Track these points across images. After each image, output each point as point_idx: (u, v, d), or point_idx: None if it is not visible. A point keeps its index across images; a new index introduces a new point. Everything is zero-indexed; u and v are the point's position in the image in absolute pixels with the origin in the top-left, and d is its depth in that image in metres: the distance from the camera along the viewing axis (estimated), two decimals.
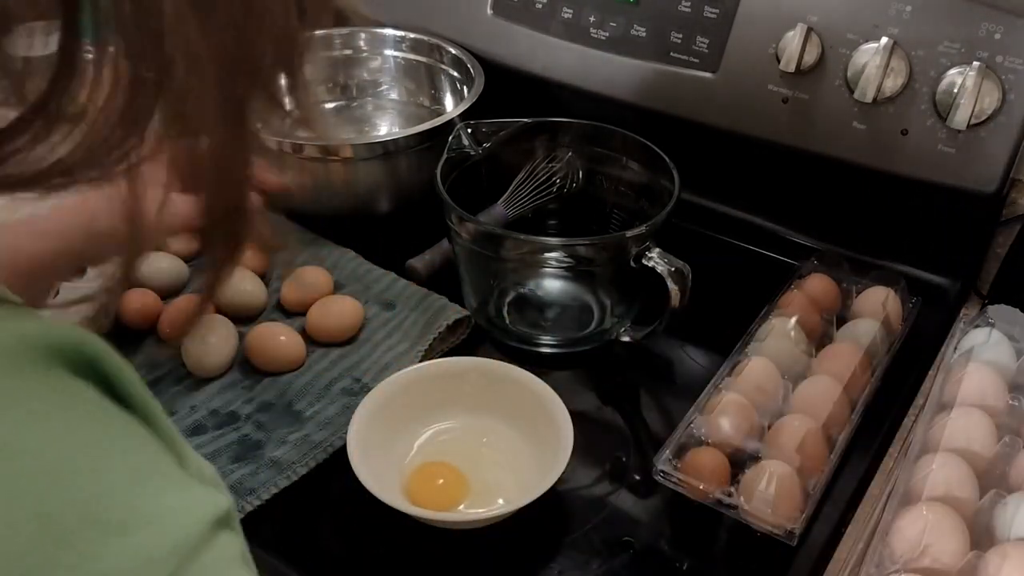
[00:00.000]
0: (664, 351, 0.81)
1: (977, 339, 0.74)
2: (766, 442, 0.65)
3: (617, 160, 0.84)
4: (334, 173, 0.87)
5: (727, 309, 0.80)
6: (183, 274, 0.84)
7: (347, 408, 0.69)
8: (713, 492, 0.63)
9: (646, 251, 0.72)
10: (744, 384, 0.69)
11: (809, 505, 0.62)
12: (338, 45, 1.04)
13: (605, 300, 0.82)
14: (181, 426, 0.69)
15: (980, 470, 0.63)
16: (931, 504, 0.60)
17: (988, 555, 0.57)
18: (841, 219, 0.90)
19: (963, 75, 0.74)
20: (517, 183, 0.86)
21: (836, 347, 0.74)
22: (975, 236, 0.84)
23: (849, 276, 0.82)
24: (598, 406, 0.76)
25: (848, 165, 0.82)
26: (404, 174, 0.88)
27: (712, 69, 0.85)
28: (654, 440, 0.71)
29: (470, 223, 0.75)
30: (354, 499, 0.61)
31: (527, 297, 0.83)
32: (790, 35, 0.80)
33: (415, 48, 1.02)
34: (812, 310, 0.77)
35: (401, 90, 1.06)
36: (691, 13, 0.85)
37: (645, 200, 0.81)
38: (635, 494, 0.68)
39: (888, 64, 0.76)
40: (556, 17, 0.92)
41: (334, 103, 1.06)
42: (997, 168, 0.76)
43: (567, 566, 0.62)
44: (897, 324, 0.78)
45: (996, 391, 0.69)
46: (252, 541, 0.65)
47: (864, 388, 0.72)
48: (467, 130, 0.82)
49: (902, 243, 0.87)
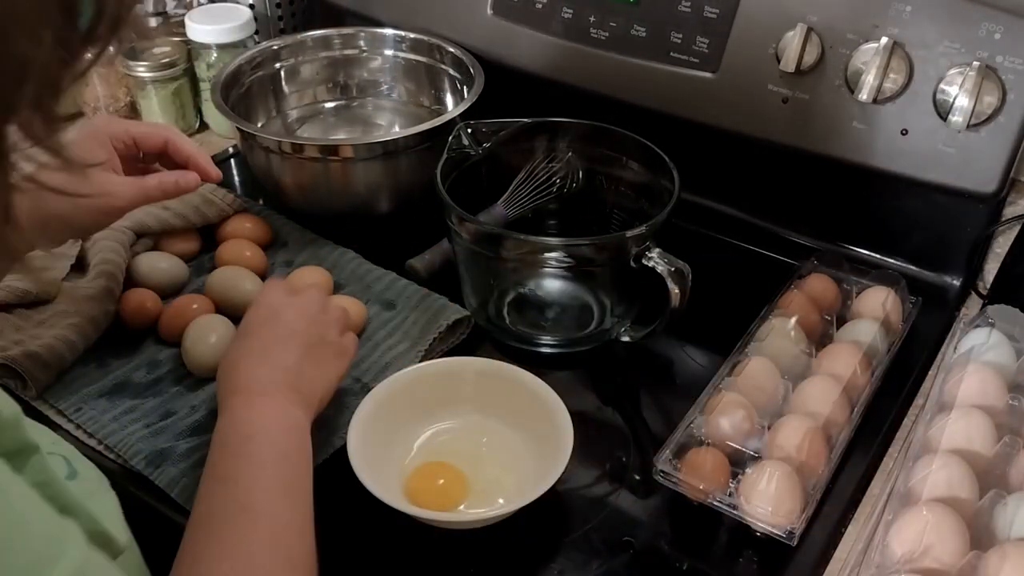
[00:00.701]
0: (664, 351, 0.81)
1: (977, 339, 0.74)
2: (766, 442, 0.65)
3: (617, 160, 0.84)
4: (334, 173, 0.87)
5: (727, 309, 0.80)
6: (183, 274, 0.84)
7: (347, 408, 0.69)
8: (713, 492, 0.63)
9: (646, 251, 0.72)
10: (744, 384, 0.69)
11: (809, 505, 0.62)
12: (338, 45, 1.03)
13: (605, 300, 0.82)
14: (181, 426, 0.70)
15: (980, 470, 0.63)
16: (931, 504, 0.60)
17: (988, 555, 0.57)
18: (841, 219, 0.90)
19: (963, 75, 0.74)
20: (517, 183, 0.86)
21: (836, 347, 0.74)
22: (975, 236, 0.84)
23: (849, 276, 0.82)
24: (598, 406, 0.76)
25: (848, 165, 0.82)
26: (404, 174, 0.88)
27: (712, 69, 0.85)
28: (654, 440, 0.71)
29: (470, 223, 0.75)
30: (354, 499, 0.61)
31: (527, 297, 0.83)
32: (790, 35, 0.80)
33: (415, 48, 1.02)
34: (812, 310, 0.77)
35: (401, 90, 1.06)
36: (691, 13, 0.85)
37: (645, 200, 0.81)
38: (635, 494, 0.68)
39: (888, 64, 0.76)
40: (556, 17, 0.92)
41: (334, 103, 1.06)
42: (997, 168, 0.76)
43: (567, 566, 0.62)
44: (897, 324, 0.78)
45: (996, 391, 0.69)
46: None
47: (864, 388, 0.72)
48: (467, 130, 0.82)
49: (902, 243, 0.88)
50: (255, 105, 0.99)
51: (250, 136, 0.87)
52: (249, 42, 1.04)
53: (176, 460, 0.66)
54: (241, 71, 0.96)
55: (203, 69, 1.04)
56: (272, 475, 0.55)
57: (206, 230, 0.89)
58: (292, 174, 0.88)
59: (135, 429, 0.69)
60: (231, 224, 0.88)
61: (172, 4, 1.12)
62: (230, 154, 1.05)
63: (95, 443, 0.69)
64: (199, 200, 0.87)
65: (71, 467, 0.49)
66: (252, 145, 0.88)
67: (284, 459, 0.56)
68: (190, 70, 1.05)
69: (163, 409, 0.71)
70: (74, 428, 0.70)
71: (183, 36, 1.04)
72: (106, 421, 0.70)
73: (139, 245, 0.85)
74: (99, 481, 0.52)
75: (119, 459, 0.67)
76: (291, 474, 0.56)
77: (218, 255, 0.85)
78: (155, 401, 0.72)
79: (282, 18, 1.12)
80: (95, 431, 0.69)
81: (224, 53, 1.02)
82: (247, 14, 1.04)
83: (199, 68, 1.05)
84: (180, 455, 0.67)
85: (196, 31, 1.02)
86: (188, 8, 1.10)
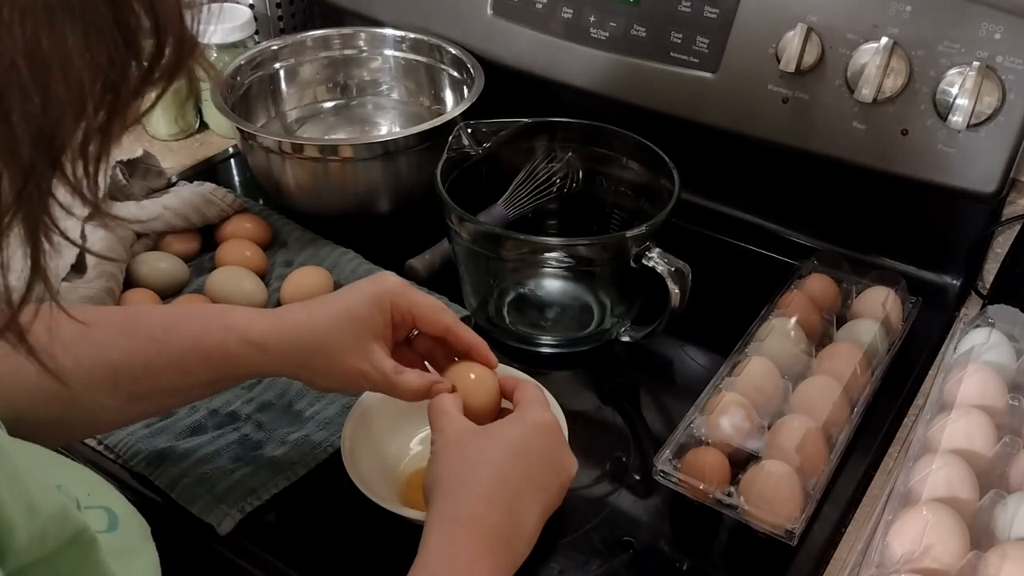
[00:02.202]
0: (664, 351, 0.81)
1: (977, 339, 0.74)
2: (766, 442, 0.65)
3: (617, 160, 0.84)
4: (334, 173, 0.87)
5: (727, 309, 0.80)
6: (183, 274, 0.84)
7: (347, 408, 0.69)
8: (713, 492, 0.63)
9: (646, 251, 0.72)
10: (744, 384, 0.69)
11: (809, 505, 0.62)
12: (338, 45, 1.03)
13: (605, 300, 0.82)
14: (181, 426, 0.69)
15: (980, 470, 0.63)
16: (931, 504, 0.60)
17: (988, 555, 0.57)
18: (841, 219, 0.90)
19: (963, 75, 0.74)
20: (517, 183, 0.86)
21: (836, 347, 0.74)
22: (975, 236, 0.84)
23: (849, 276, 0.82)
24: (598, 406, 0.76)
25: (848, 165, 0.82)
26: (404, 174, 0.88)
27: (712, 69, 0.85)
28: (654, 440, 0.71)
29: (470, 223, 0.75)
30: (354, 499, 0.61)
31: (527, 297, 0.83)
32: (790, 35, 0.80)
33: (415, 48, 1.02)
34: (812, 310, 0.77)
35: (401, 90, 1.06)
36: (691, 13, 0.85)
37: (645, 200, 0.81)
38: (635, 494, 0.68)
39: (888, 64, 0.76)
40: (556, 17, 0.92)
41: (334, 103, 1.06)
42: (997, 168, 0.76)
43: (567, 566, 0.62)
44: (897, 324, 0.78)
45: (996, 391, 0.69)
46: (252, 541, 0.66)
47: (864, 388, 0.72)
48: (467, 130, 0.82)
49: (902, 243, 0.88)
50: (255, 105, 0.99)
51: (250, 136, 0.87)
52: (249, 42, 1.04)
53: (176, 460, 0.66)
54: (241, 71, 0.96)
55: None
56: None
57: (206, 230, 0.89)
58: (292, 174, 0.88)
59: (135, 429, 0.69)
60: (231, 224, 0.88)
61: None
62: (230, 154, 1.05)
63: (95, 444, 0.69)
64: (199, 200, 0.87)
65: (111, 516, 0.47)
66: (252, 145, 0.88)
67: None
68: None
69: None
70: None
71: None
72: None
73: (139, 245, 0.85)
74: (139, 532, 0.50)
75: (119, 459, 0.67)
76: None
77: (218, 255, 0.85)
78: None
79: (282, 18, 1.12)
80: None
81: (224, 53, 1.02)
82: (247, 14, 1.04)
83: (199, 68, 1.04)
84: (180, 455, 0.67)
85: None
86: None
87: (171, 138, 1.08)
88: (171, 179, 0.94)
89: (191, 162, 1.04)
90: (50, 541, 0.38)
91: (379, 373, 0.60)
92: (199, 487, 0.65)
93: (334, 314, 0.60)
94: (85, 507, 0.43)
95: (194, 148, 1.07)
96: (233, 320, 0.60)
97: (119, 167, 0.88)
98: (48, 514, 0.38)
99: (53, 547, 0.38)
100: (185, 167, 1.02)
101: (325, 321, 0.60)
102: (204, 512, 0.63)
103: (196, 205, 0.87)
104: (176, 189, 0.91)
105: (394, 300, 0.61)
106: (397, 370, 0.61)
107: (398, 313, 0.62)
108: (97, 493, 0.48)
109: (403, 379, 0.61)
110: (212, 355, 0.58)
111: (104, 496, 0.48)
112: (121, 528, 0.47)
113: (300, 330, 0.60)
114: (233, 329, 0.59)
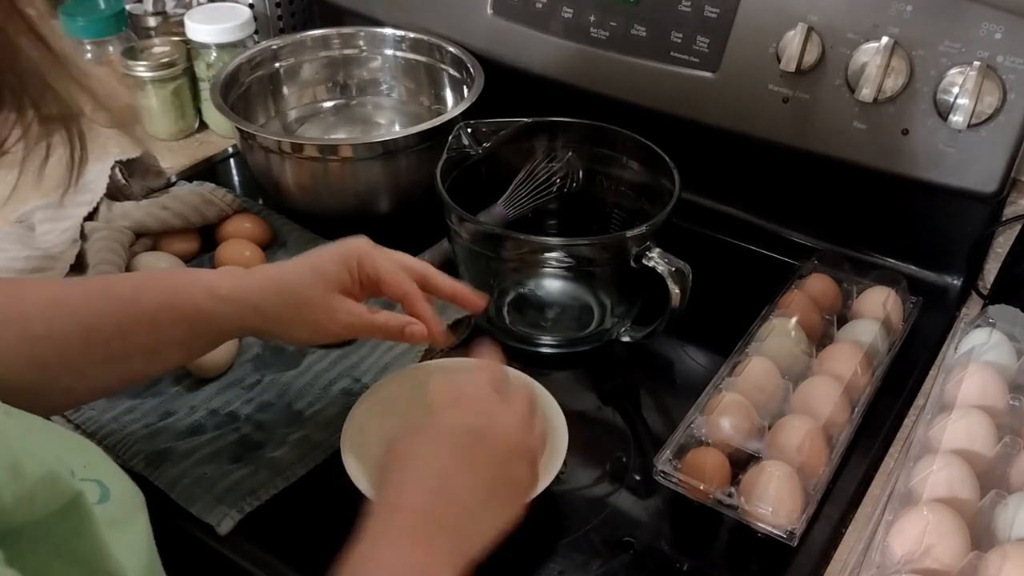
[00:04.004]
0: (664, 351, 0.81)
1: (978, 339, 0.74)
2: (766, 442, 0.65)
3: (617, 160, 0.84)
4: (334, 173, 0.87)
5: (727, 309, 0.80)
6: None
7: (347, 408, 0.69)
8: (713, 492, 0.63)
9: (646, 251, 0.72)
10: (744, 384, 0.69)
11: (809, 505, 0.62)
12: (337, 45, 1.03)
13: (605, 300, 0.82)
14: (181, 426, 0.69)
15: (981, 470, 0.63)
16: (932, 504, 0.60)
17: (989, 555, 0.57)
18: (841, 219, 0.90)
19: (963, 75, 0.74)
20: (517, 183, 0.85)
21: (836, 347, 0.74)
22: (975, 236, 0.84)
23: (849, 276, 0.82)
24: (598, 406, 0.76)
25: (848, 165, 0.82)
26: (404, 174, 0.88)
27: (712, 69, 0.85)
28: (654, 440, 0.71)
29: (470, 223, 0.75)
30: (354, 500, 0.61)
31: (527, 297, 0.83)
32: (790, 35, 0.80)
33: (415, 48, 1.02)
34: (812, 310, 0.77)
35: (401, 90, 1.05)
36: (691, 13, 0.85)
37: (645, 200, 0.81)
38: (635, 494, 0.68)
39: (888, 64, 0.76)
40: (556, 17, 0.92)
41: (334, 103, 1.06)
42: (997, 168, 0.76)
43: (567, 566, 0.62)
44: (898, 324, 0.78)
45: (997, 391, 0.69)
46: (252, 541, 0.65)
47: (864, 388, 0.72)
48: (467, 130, 0.82)
49: (903, 243, 0.87)
50: (255, 105, 0.99)
51: (250, 136, 0.87)
52: (248, 42, 1.04)
53: (175, 460, 0.66)
54: (240, 71, 0.96)
55: (203, 69, 1.04)
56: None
57: (206, 230, 0.89)
58: (292, 174, 0.88)
59: (134, 429, 0.69)
60: (231, 224, 0.88)
61: (172, 4, 1.12)
62: (230, 154, 1.05)
63: (95, 443, 0.69)
64: (199, 200, 0.87)
65: (103, 489, 0.48)
66: (252, 145, 0.88)
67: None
68: (190, 70, 1.05)
69: (162, 409, 0.71)
70: (73, 428, 0.69)
71: (182, 36, 1.04)
72: (105, 421, 0.69)
73: (139, 245, 0.85)
74: (132, 502, 0.50)
75: (118, 459, 0.67)
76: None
77: (218, 255, 0.85)
78: (154, 401, 0.72)
79: (282, 18, 1.12)
80: (94, 431, 0.69)
81: (224, 53, 1.02)
82: (247, 14, 1.04)
83: (199, 68, 1.04)
84: (180, 455, 0.67)
85: (195, 31, 1.02)
86: (188, 8, 1.10)
87: (170, 138, 1.08)
88: (170, 179, 0.94)
89: (190, 162, 1.04)
90: (39, 505, 0.39)
91: (353, 315, 0.63)
92: (198, 487, 0.64)
93: (302, 268, 0.63)
94: (80, 479, 0.43)
95: (193, 148, 1.07)
96: (203, 277, 0.62)
97: (118, 167, 0.88)
98: (36, 477, 0.38)
99: (44, 512, 0.39)
100: (184, 167, 1.02)
101: (294, 273, 0.63)
102: (204, 512, 0.63)
103: (195, 205, 0.87)
104: (175, 189, 0.91)
105: (360, 260, 0.64)
106: (371, 310, 0.64)
107: (363, 273, 0.64)
108: (93, 465, 0.49)
109: (378, 316, 0.64)
110: (184, 311, 0.60)
111: (99, 469, 0.49)
112: (112, 500, 0.48)
113: (269, 283, 0.62)
114: (203, 285, 0.61)
